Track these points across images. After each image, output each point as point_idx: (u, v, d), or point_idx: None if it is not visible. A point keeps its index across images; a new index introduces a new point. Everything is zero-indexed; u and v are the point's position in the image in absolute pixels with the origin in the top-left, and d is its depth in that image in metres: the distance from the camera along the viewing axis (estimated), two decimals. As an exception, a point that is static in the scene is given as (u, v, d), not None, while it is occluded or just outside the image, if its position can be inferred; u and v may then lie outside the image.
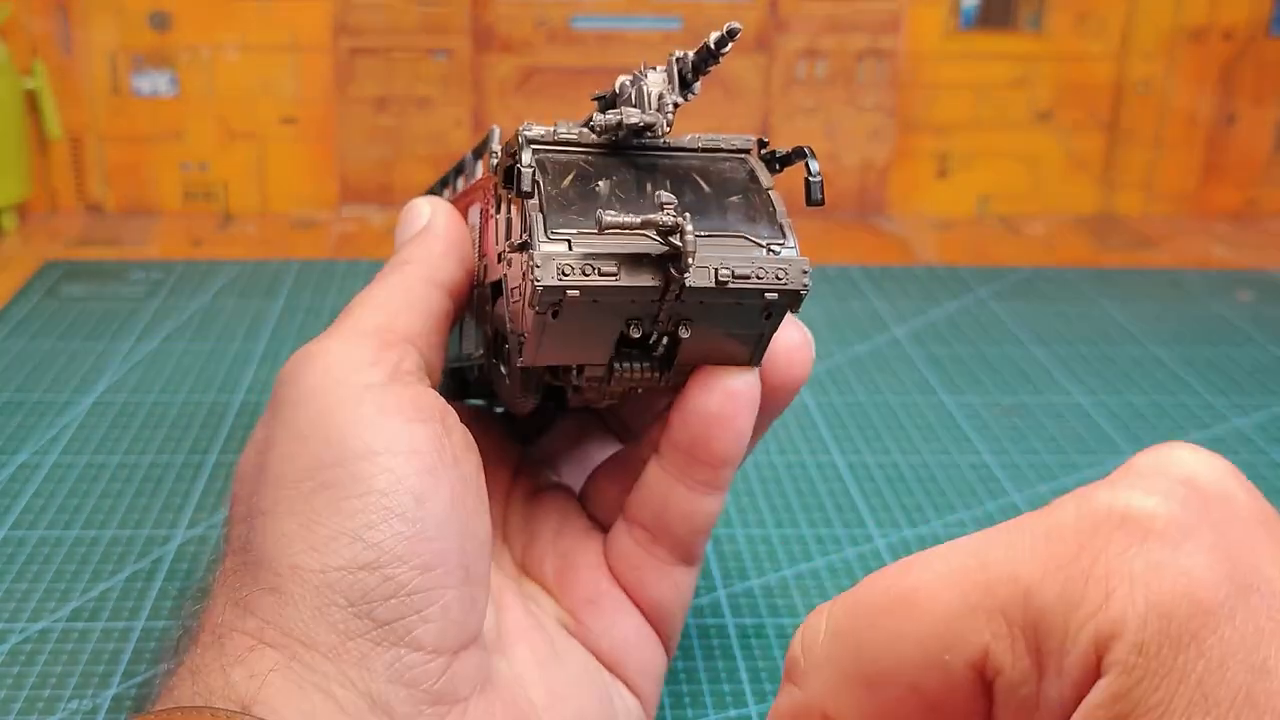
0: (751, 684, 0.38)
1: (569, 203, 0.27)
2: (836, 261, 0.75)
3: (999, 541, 0.20)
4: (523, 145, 0.28)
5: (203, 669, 0.26)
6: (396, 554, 0.26)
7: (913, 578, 0.21)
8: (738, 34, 0.27)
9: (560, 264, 0.26)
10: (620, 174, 0.28)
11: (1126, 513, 0.19)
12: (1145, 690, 0.17)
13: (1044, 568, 0.19)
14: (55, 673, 0.38)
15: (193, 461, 0.50)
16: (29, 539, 0.44)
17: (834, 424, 0.55)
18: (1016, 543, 0.19)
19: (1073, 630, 0.18)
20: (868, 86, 0.82)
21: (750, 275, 0.27)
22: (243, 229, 0.78)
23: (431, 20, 0.78)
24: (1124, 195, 0.85)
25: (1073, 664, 0.18)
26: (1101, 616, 0.18)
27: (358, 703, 0.25)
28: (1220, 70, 0.83)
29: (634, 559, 0.33)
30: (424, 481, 0.27)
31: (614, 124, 0.28)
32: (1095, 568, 0.18)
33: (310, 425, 0.28)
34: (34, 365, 0.58)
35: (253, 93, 0.78)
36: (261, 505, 0.28)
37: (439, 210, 0.33)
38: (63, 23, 0.76)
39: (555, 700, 0.30)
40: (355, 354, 0.29)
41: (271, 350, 0.60)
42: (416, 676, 0.26)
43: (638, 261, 0.26)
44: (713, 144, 0.30)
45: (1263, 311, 0.69)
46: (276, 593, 0.26)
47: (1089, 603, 0.18)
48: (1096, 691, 0.18)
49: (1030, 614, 0.19)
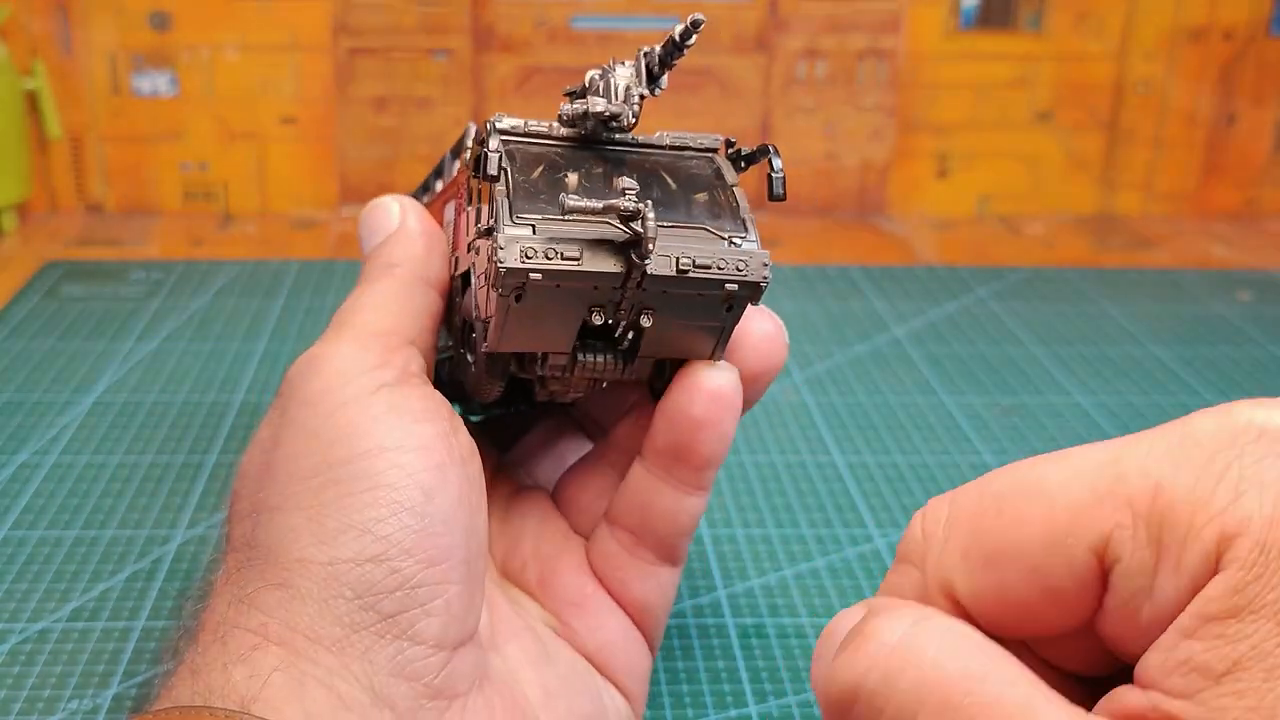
0: (751, 684, 0.38)
1: (537, 191, 0.28)
2: (836, 261, 0.75)
3: (1134, 443, 0.20)
4: (491, 132, 0.28)
5: (203, 668, 0.26)
6: (404, 547, 0.26)
7: (1042, 469, 0.21)
8: (701, 25, 0.27)
9: (524, 246, 0.26)
10: (589, 166, 0.29)
11: (1266, 426, 0.19)
12: (1262, 587, 0.18)
13: (1176, 466, 0.19)
14: (55, 673, 0.38)
15: (193, 461, 0.50)
16: (29, 539, 0.44)
17: (834, 424, 0.55)
18: (1152, 446, 0.20)
19: (1198, 525, 0.19)
20: (868, 86, 0.82)
21: (711, 265, 0.28)
22: (243, 229, 0.78)
23: (431, 20, 0.78)
24: (1124, 195, 0.85)
25: (1192, 558, 0.19)
26: (1228, 515, 0.18)
27: (360, 697, 0.25)
28: (1220, 70, 0.83)
29: (618, 561, 0.33)
30: (433, 477, 0.27)
31: (580, 113, 0.28)
32: (1229, 471, 0.19)
33: (320, 424, 0.28)
34: (34, 365, 0.58)
35: (253, 93, 0.78)
36: (269, 501, 0.28)
37: (409, 209, 0.33)
38: (63, 23, 0.76)
39: (549, 698, 0.30)
40: (365, 356, 0.29)
41: (271, 350, 0.60)
42: (418, 670, 0.26)
43: (600, 247, 0.27)
44: (681, 141, 0.31)
45: (1263, 311, 0.69)
46: (283, 587, 0.26)
47: (1217, 501, 0.19)
48: (1214, 585, 0.18)
49: (1158, 506, 0.19)
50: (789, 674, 0.39)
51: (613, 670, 0.33)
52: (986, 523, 0.22)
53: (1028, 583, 0.21)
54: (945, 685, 0.20)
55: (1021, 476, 0.21)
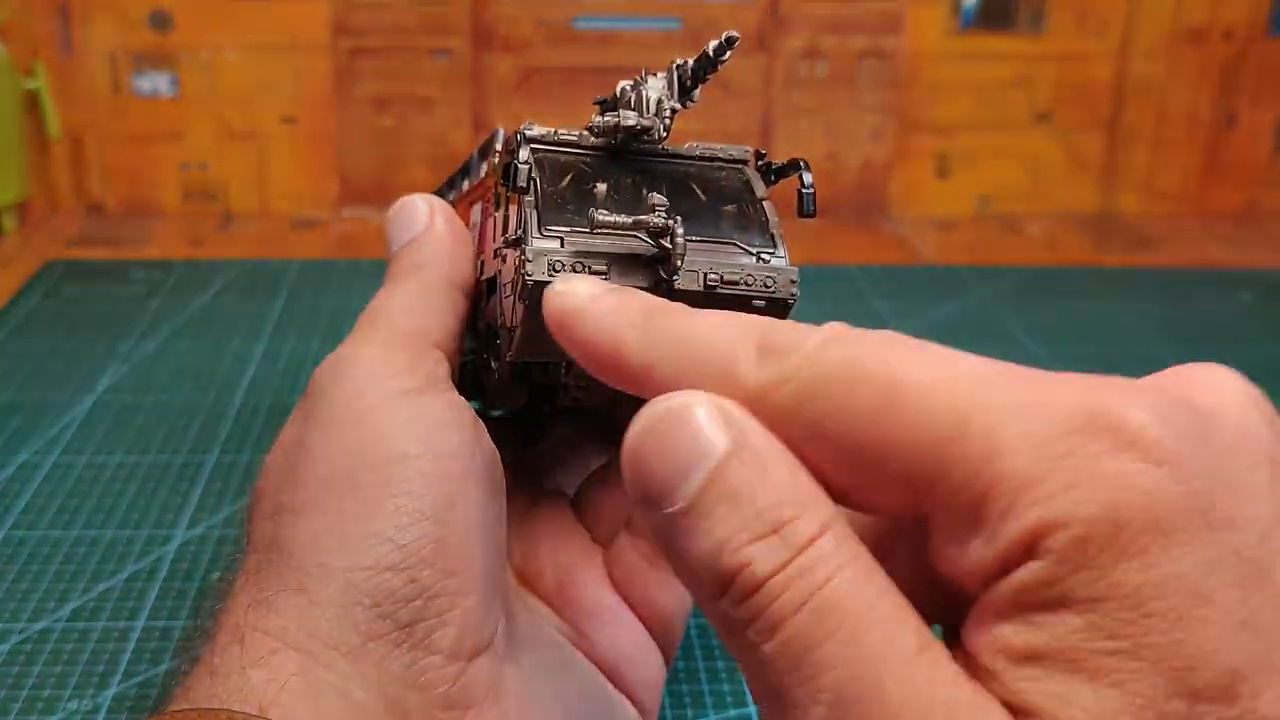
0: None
1: (565, 202, 0.28)
2: (836, 261, 0.75)
3: (990, 386, 0.19)
4: (521, 142, 0.28)
5: (221, 670, 0.25)
6: (423, 556, 0.26)
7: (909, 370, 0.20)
8: (736, 42, 0.27)
9: (551, 260, 0.26)
10: (618, 177, 0.29)
11: (1122, 421, 0.18)
12: (1074, 584, 0.18)
13: (1021, 434, 0.19)
14: (55, 673, 0.38)
15: (193, 461, 0.50)
16: (29, 539, 0.44)
17: (834, 424, 0.54)
18: (1006, 399, 0.19)
19: (1021, 505, 0.18)
20: (868, 86, 0.82)
21: (739, 282, 0.27)
22: (243, 229, 0.78)
23: (431, 20, 0.78)
24: (1124, 195, 0.85)
25: (1008, 534, 0.18)
26: (1055, 503, 0.18)
27: (375, 705, 0.25)
28: (1220, 70, 0.83)
29: (639, 572, 0.32)
30: (456, 487, 0.27)
31: (611, 125, 0.28)
32: (1069, 458, 0.18)
33: (347, 428, 0.28)
34: (34, 365, 0.58)
35: (253, 93, 0.78)
36: (292, 504, 0.28)
37: (438, 209, 0.33)
38: (63, 23, 0.76)
39: (562, 710, 0.30)
40: (392, 360, 0.29)
41: (271, 350, 0.60)
42: (432, 680, 0.26)
43: (628, 262, 0.27)
44: (710, 152, 0.30)
45: (1263, 311, 0.69)
46: (303, 592, 0.26)
47: (1047, 487, 0.18)
48: (1026, 571, 0.18)
49: (989, 471, 0.19)
50: (789, 674, 0.39)
51: (628, 682, 0.32)
52: (835, 390, 0.20)
53: (840, 457, 0.20)
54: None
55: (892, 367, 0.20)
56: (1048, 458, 0.18)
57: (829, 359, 0.20)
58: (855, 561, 0.20)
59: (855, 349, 0.20)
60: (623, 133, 0.28)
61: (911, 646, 0.19)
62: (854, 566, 0.20)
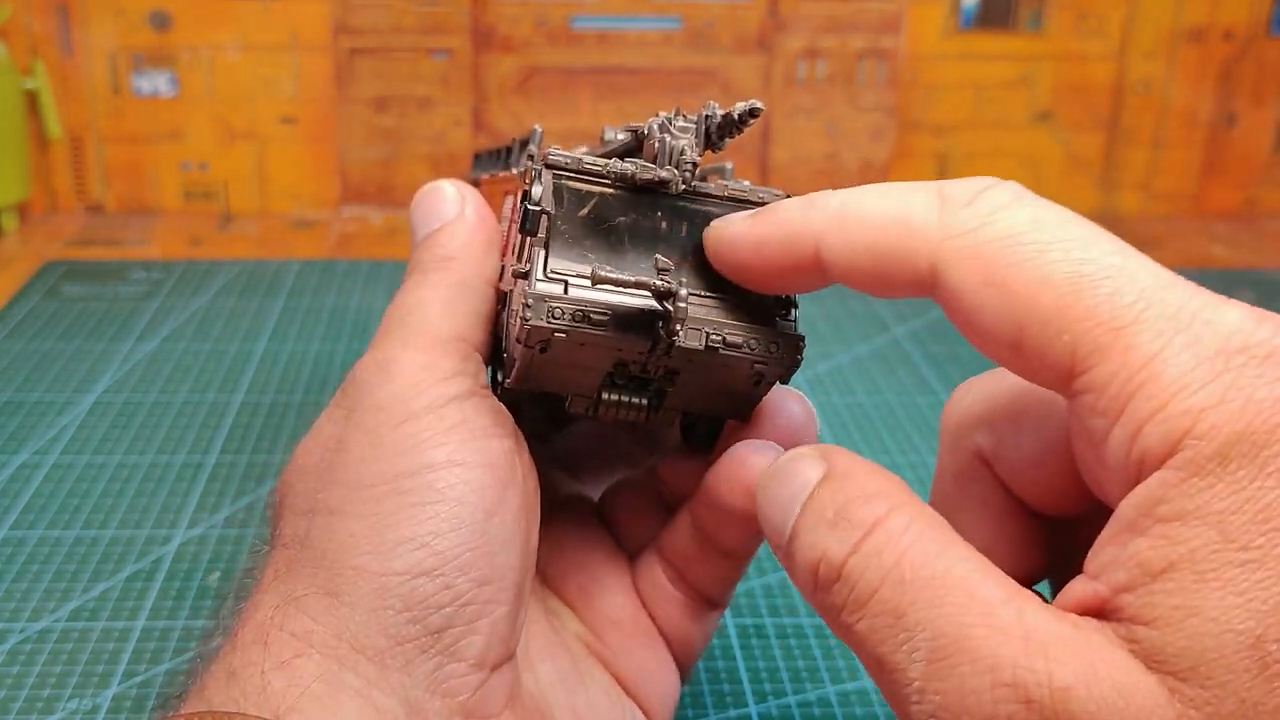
0: (751, 684, 0.38)
1: (580, 236, 0.27)
2: (836, 261, 0.75)
3: (1175, 289, 0.21)
4: (537, 175, 0.27)
5: (240, 671, 0.25)
6: (459, 564, 0.26)
7: (1089, 253, 0.22)
8: (760, 113, 0.27)
9: (552, 306, 0.26)
10: (640, 212, 0.28)
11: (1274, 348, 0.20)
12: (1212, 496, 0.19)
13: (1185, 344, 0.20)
14: (55, 673, 0.38)
15: (193, 461, 0.50)
16: (29, 539, 0.44)
17: (834, 424, 0.55)
18: (1181, 305, 0.20)
19: (1173, 409, 0.19)
20: (868, 86, 0.82)
21: (742, 345, 0.27)
22: (243, 229, 0.78)
23: (431, 20, 0.78)
24: (1124, 195, 0.85)
25: (1153, 435, 0.19)
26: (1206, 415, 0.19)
27: (396, 711, 0.25)
28: (1220, 70, 0.83)
29: (663, 590, 0.32)
30: (496, 496, 0.27)
31: (629, 175, 0.27)
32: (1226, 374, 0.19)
33: (390, 432, 0.28)
34: (34, 365, 0.58)
35: (253, 93, 0.78)
36: (328, 504, 0.27)
37: (469, 197, 0.32)
38: (63, 23, 0.76)
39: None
40: (439, 366, 0.29)
41: (271, 350, 0.60)
42: (454, 688, 0.26)
43: (631, 316, 0.26)
44: (739, 193, 0.29)
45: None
46: (334, 595, 0.26)
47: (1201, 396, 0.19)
48: (1167, 482, 0.19)
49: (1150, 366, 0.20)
50: (789, 674, 0.39)
51: (643, 695, 0.32)
52: (1018, 253, 0.22)
53: (1004, 313, 0.22)
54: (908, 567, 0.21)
55: (1069, 251, 0.22)
56: (1207, 370, 0.19)
57: (1017, 220, 0.22)
58: (928, 534, 0.22)
59: (1037, 213, 0.23)
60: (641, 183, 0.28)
61: (996, 598, 0.20)
62: (927, 539, 0.21)
